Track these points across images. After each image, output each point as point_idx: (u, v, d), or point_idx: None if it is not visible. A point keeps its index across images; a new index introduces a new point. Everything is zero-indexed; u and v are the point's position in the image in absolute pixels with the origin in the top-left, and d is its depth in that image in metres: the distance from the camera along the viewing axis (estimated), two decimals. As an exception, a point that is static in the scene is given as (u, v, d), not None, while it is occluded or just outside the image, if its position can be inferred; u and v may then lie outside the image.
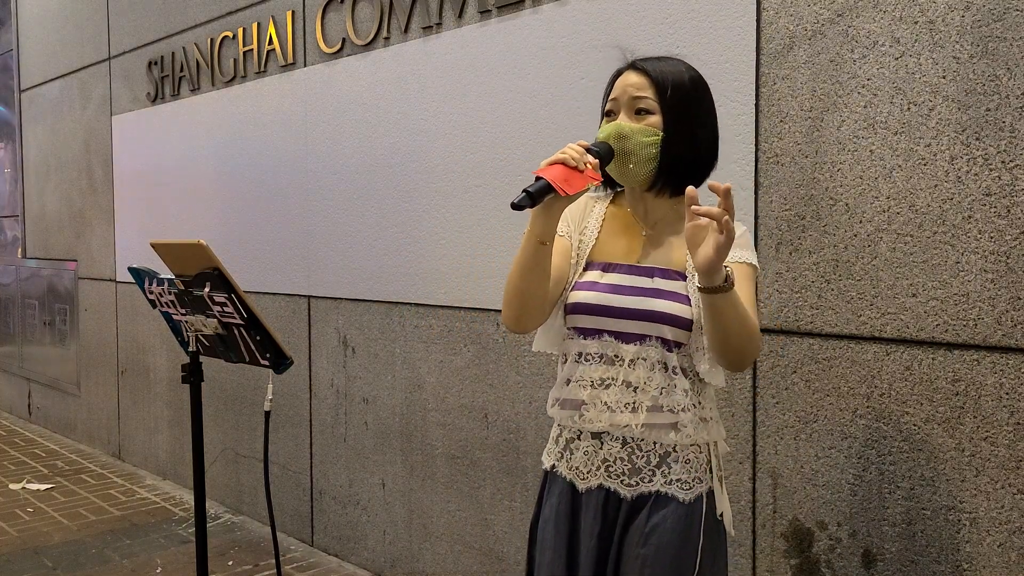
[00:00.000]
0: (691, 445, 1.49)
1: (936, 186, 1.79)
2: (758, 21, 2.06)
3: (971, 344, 1.75)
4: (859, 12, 1.89)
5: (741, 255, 1.49)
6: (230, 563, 3.35)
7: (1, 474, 4.65)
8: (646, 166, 1.47)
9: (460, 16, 2.81)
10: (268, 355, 2.19)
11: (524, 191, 1.34)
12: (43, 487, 4.39)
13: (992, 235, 1.72)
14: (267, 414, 2.27)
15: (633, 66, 1.51)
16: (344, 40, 3.25)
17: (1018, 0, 1.68)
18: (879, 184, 1.87)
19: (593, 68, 2.41)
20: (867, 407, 1.91)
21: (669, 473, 1.47)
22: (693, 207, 1.31)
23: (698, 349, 1.46)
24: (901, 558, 1.87)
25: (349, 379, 3.32)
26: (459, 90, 2.82)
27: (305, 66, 3.45)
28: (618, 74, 1.55)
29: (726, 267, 1.34)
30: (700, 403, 1.50)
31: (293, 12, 3.47)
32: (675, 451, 1.48)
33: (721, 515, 1.52)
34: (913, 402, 1.84)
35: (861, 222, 1.90)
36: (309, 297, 3.51)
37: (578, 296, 1.51)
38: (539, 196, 1.35)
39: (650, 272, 1.50)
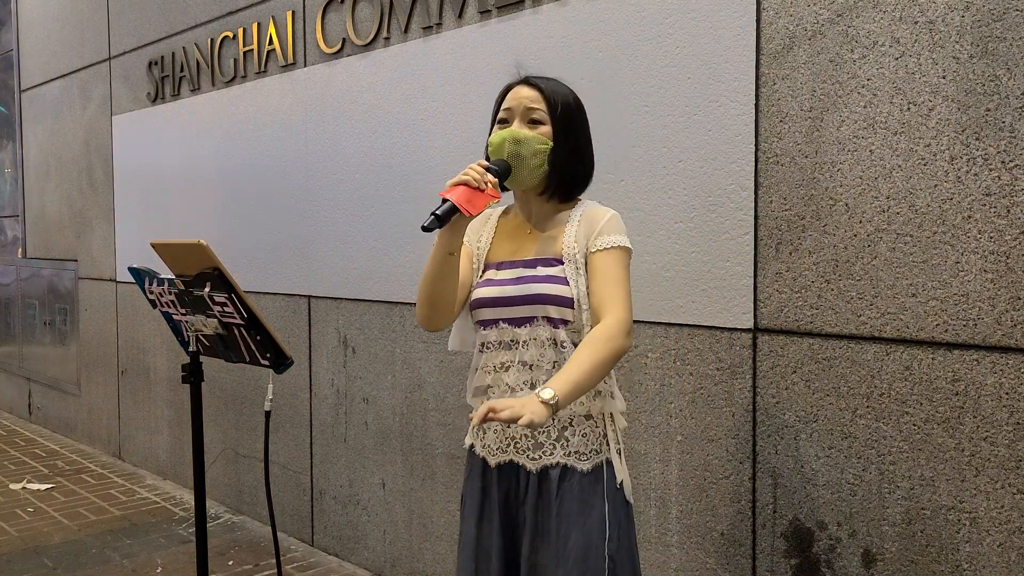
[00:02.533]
0: (587, 419, 1.64)
1: (936, 186, 1.79)
2: (758, 21, 2.06)
3: (971, 344, 1.76)
4: (859, 12, 1.89)
5: (610, 240, 1.63)
6: (230, 563, 3.35)
7: (1, 474, 4.65)
8: (538, 171, 1.64)
9: (460, 16, 2.81)
10: (268, 355, 2.19)
11: (432, 214, 1.51)
12: (43, 487, 4.40)
13: (992, 235, 1.72)
14: (267, 414, 2.27)
15: (527, 81, 1.68)
16: (344, 40, 3.25)
17: (1018, 0, 1.68)
18: (879, 184, 1.87)
19: (593, 68, 2.41)
20: (867, 407, 1.91)
21: (568, 445, 1.62)
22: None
23: (584, 326, 1.60)
24: (901, 558, 1.87)
25: (349, 379, 3.32)
26: (459, 90, 2.82)
27: (305, 66, 3.45)
28: (508, 88, 1.71)
29: (546, 399, 1.45)
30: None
31: (293, 12, 3.47)
32: (572, 425, 1.63)
33: (621, 484, 1.66)
34: (913, 402, 1.84)
35: (861, 222, 1.90)
36: (309, 297, 3.51)
37: (477, 293, 1.69)
38: (446, 217, 1.52)
39: (533, 263, 1.66)
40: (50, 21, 5.50)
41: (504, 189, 1.67)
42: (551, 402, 1.43)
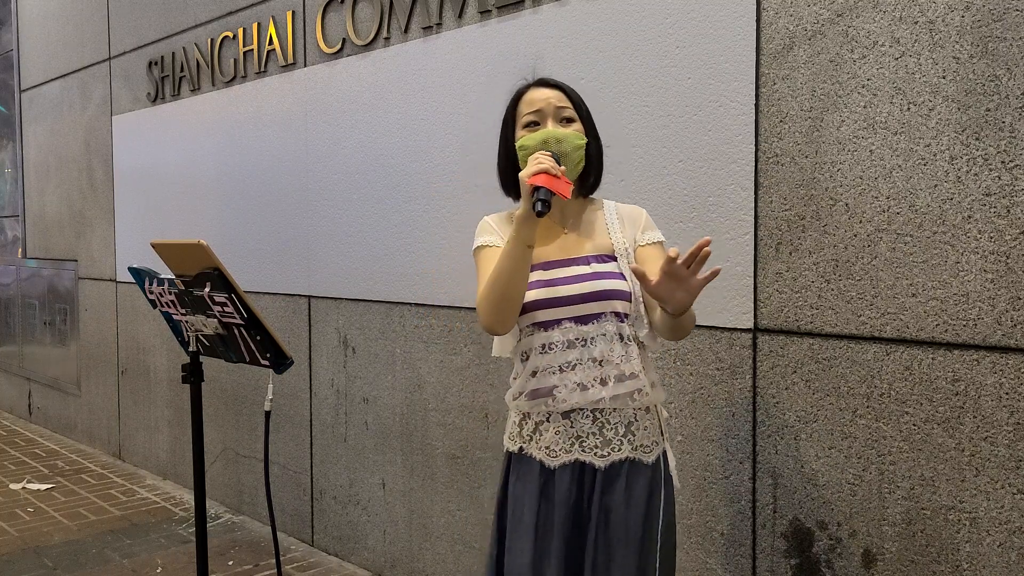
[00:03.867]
0: (647, 412, 1.69)
1: (936, 186, 1.79)
2: (758, 21, 2.06)
3: (971, 344, 1.76)
4: (859, 12, 1.89)
5: (655, 235, 1.74)
6: (230, 563, 3.35)
7: (1, 474, 4.65)
8: (578, 167, 1.69)
9: (460, 16, 2.81)
10: (268, 355, 2.19)
11: (539, 199, 1.51)
12: (43, 487, 4.40)
13: (992, 235, 1.72)
14: (267, 414, 2.27)
15: (545, 82, 1.72)
16: (344, 40, 3.25)
17: (1018, 0, 1.68)
18: (879, 184, 1.87)
19: (593, 68, 2.41)
20: (867, 407, 1.91)
21: (634, 440, 1.67)
22: (673, 260, 1.42)
23: (638, 318, 1.67)
24: (901, 558, 1.87)
25: (349, 379, 3.32)
26: (459, 90, 2.82)
27: (305, 66, 3.45)
28: (520, 93, 1.74)
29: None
30: (646, 368, 1.70)
31: (293, 12, 3.47)
32: (636, 420, 1.68)
33: (673, 470, 1.76)
34: (913, 402, 1.84)
35: (861, 222, 1.90)
36: (309, 297, 3.51)
37: (531, 295, 1.65)
38: (550, 200, 1.52)
39: (585, 260, 1.69)
40: (50, 21, 5.50)
41: (516, 193, 1.69)
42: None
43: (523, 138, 1.66)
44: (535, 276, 1.67)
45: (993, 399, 1.73)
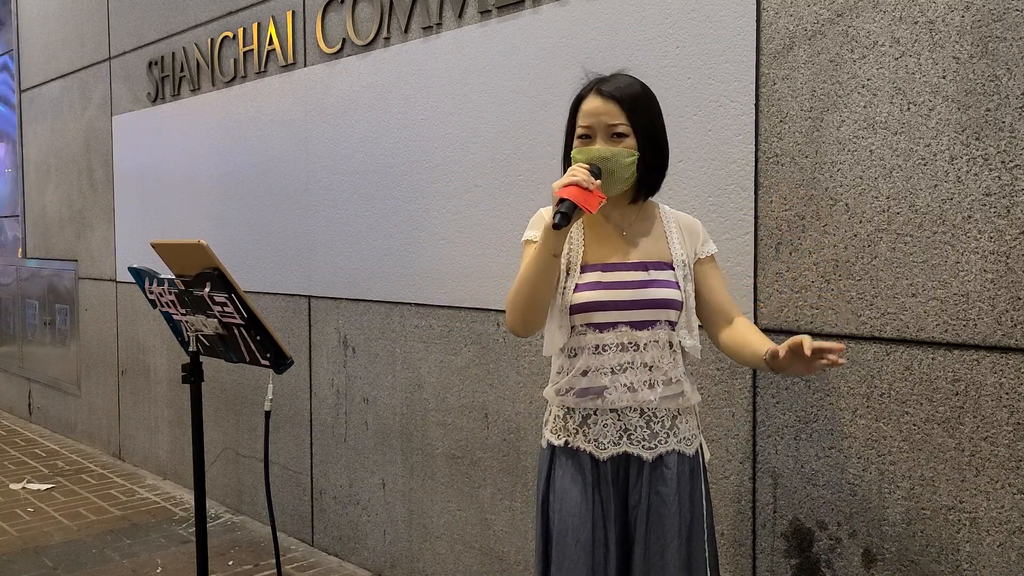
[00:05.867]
0: (687, 408, 1.75)
1: (936, 186, 1.79)
2: (758, 21, 2.06)
3: (971, 344, 1.76)
4: (859, 12, 1.89)
5: (711, 247, 1.79)
6: (230, 563, 3.35)
7: (1, 474, 4.65)
8: (627, 182, 1.70)
9: (460, 16, 2.81)
10: (268, 355, 2.19)
11: (559, 212, 1.53)
12: (43, 487, 4.40)
13: (992, 235, 1.72)
14: (267, 414, 2.28)
15: (599, 93, 1.69)
16: (344, 40, 3.25)
17: (1018, 0, 1.68)
18: (879, 184, 1.87)
19: (593, 69, 2.41)
20: (867, 407, 1.91)
21: (678, 433, 1.73)
22: (814, 346, 1.46)
23: (683, 327, 1.72)
24: (901, 558, 1.87)
25: (349, 379, 3.32)
26: (459, 90, 2.82)
27: (305, 66, 3.45)
28: (580, 99, 1.73)
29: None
30: (687, 373, 1.76)
31: (293, 12, 3.47)
32: (680, 414, 1.74)
33: (707, 462, 1.84)
34: (913, 402, 1.84)
35: (861, 222, 1.90)
36: (309, 297, 3.51)
37: (588, 296, 1.68)
38: (570, 214, 1.54)
39: (644, 266, 1.71)
40: (50, 21, 5.50)
41: None
42: None
43: (575, 151, 1.69)
44: (592, 277, 1.69)
45: (993, 399, 1.73)
